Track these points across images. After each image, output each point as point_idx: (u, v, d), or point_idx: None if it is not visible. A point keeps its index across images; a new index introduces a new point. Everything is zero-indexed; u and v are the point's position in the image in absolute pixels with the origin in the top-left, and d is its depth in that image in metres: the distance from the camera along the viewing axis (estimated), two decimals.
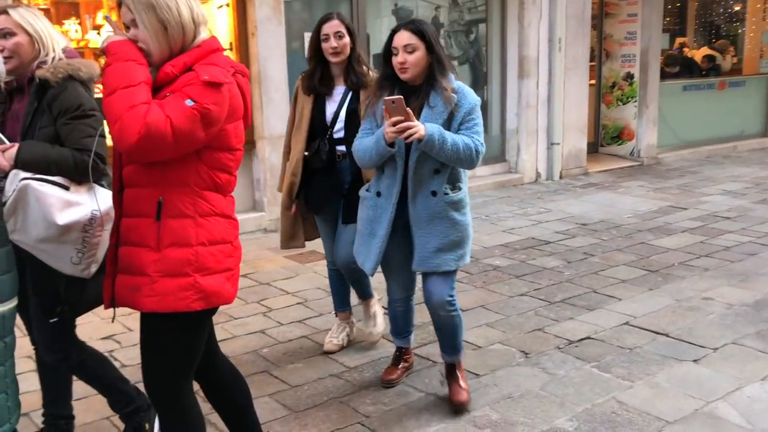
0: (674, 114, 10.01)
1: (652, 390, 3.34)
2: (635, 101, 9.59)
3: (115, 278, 2.18)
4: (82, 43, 5.64)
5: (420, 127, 2.79)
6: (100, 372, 2.81)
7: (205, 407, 2.49)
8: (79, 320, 2.72)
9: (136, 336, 3.93)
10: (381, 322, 3.91)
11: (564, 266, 5.24)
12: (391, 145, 2.89)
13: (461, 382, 3.25)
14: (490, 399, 3.28)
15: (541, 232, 6.23)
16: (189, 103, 1.99)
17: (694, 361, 3.64)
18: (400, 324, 3.46)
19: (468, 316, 4.26)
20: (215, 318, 2.40)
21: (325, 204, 3.59)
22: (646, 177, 8.71)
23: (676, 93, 10.16)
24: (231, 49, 6.34)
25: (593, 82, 9.55)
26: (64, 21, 5.58)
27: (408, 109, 2.78)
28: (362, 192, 3.20)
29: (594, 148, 9.76)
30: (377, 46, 7.54)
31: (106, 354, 3.99)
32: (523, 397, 3.30)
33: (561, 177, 8.59)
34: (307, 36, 6.88)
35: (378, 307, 3.93)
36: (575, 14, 8.46)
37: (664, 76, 9.87)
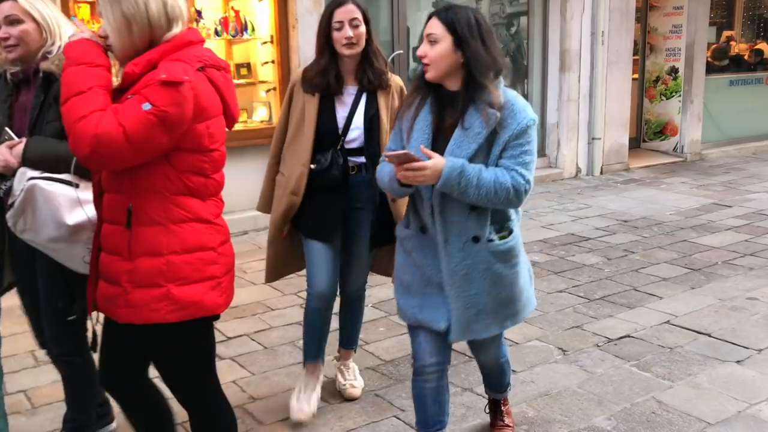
0: (720, 109, 9.80)
1: (693, 390, 3.28)
2: (679, 96, 9.40)
3: (97, 284, 2.10)
4: None
5: (430, 170, 2.19)
6: (84, 382, 2.69)
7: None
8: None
9: None
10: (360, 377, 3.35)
11: (604, 263, 5.17)
12: (407, 185, 2.31)
13: (505, 419, 2.92)
14: (527, 396, 3.26)
15: (581, 228, 6.15)
16: (146, 107, 1.86)
17: (738, 362, 3.56)
18: (431, 408, 2.47)
19: None
20: (254, 308, 2.41)
21: (333, 230, 2.94)
22: (690, 173, 8.54)
23: (722, 88, 9.94)
24: (272, 42, 6.38)
25: (636, 76, 9.39)
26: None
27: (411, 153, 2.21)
28: (400, 231, 2.52)
29: (636, 144, 9.61)
30: (418, 39, 7.53)
31: None
32: (560, 394, 3.27)
33: (602, 172, 8.47)
34: None
35: None
36: (619, 7, 8.32)
37: (709, 70, 9.65)
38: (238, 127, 5.07)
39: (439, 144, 2.29)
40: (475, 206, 2.29)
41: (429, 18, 2.31)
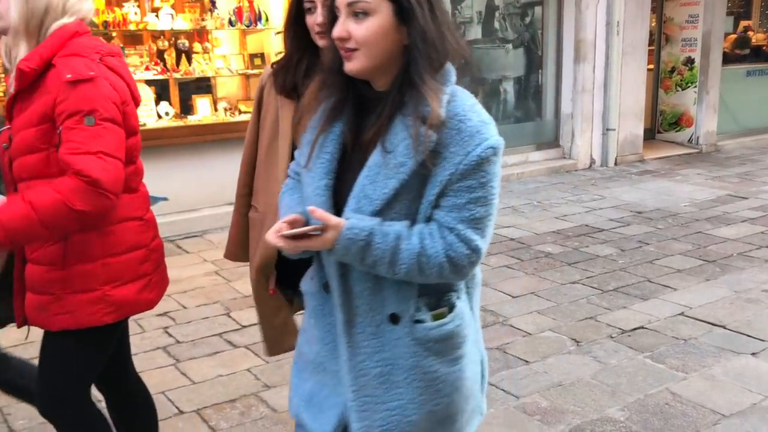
0: (736, 100, 9.70)
1: (708, 382, 3.27)
2: (695, 87, 9.32)
3: (24, 297, 2.01)
4: (141, 26, 5.74)
5: (320, 240, 1.45)
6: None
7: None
8: None
9: (190, 313, 4.04)
10: None
11: (618, 254, 5.15)
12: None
13: None
14: (540, 386, 3.25)
15: (595, 219, 6.13)
16: (90, 122, 1.79)
17: (753, 354, 3.54)
18: None
19: (518, 303, 4.23)
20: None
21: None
22: (705, 165, 8.48)
23: (738, 78, 9.84)
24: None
25: (651, 66, 9.31)
26: (123, 3, 5.69)
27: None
28: (304, 282, 1.70)
29: (651, 135, 9.54)
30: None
31: (161, 329, 4.09)
32: (573, 385, 3.26)
33: (616, 164, 8.42)
34: None
35: None
36: None
37: (726, 60, 9.56)
38: (245, 117, 5.07)
39: (352, 170, 1.50)
40: None
41: None
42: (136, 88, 2.09)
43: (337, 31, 1.44)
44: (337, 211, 1.49)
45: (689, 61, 9.34)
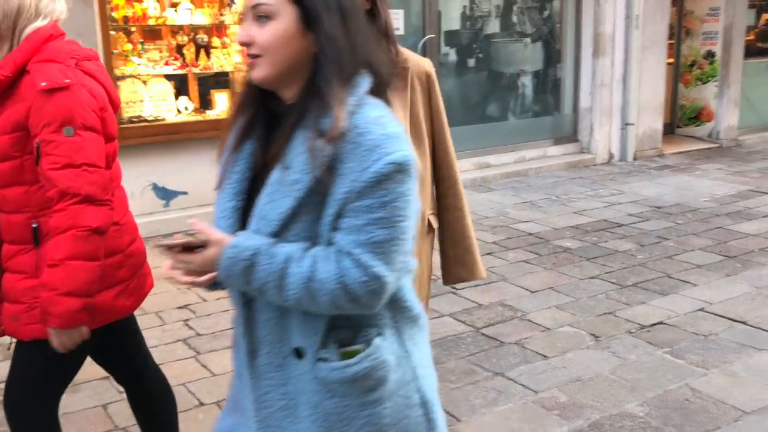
0: (758, 94, 9.59)
1: (729, 378, 3.25)
2: (716, 81, 9.22)
3: (1, 306, 1.98)
4: (160, 21, 5.78)
5: (200, 259, 1.37)
6: None
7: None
8: (155, 290, 2.81)
9: (210, 306, 4.07)
10: None
11: (637, 249, 5.12)
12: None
13: None
14: (559, 381, 3.25)
15: (614, 214, 6.09)
16: (68, 132, 1.76)
17: None
18: None
19: (537, 298, 4.23)
20: None
21: None
22: (725, 160, 8.39)
23: (760, 72, 9.72)
24: None
25: (671, 60, 9.23)
26: None
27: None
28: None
29: (670, 129, 9.46)
30: (449, 23, 7.49)
31: (181, 322, 4.13)
32: (592, 380, 3.26)
33: (635, 158, 8.36)
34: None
35: None
36: None
37: (747, 54, 9.45)
38: None
39: (260, 190, 1.41)
40: None
41: None
42: (116, 92, 2.05)
43: (240, 35, 1.37)
44: None
45: (710, 55, 9.24)
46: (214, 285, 1.41)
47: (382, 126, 1.31)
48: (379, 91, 1.39)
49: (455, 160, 2.38)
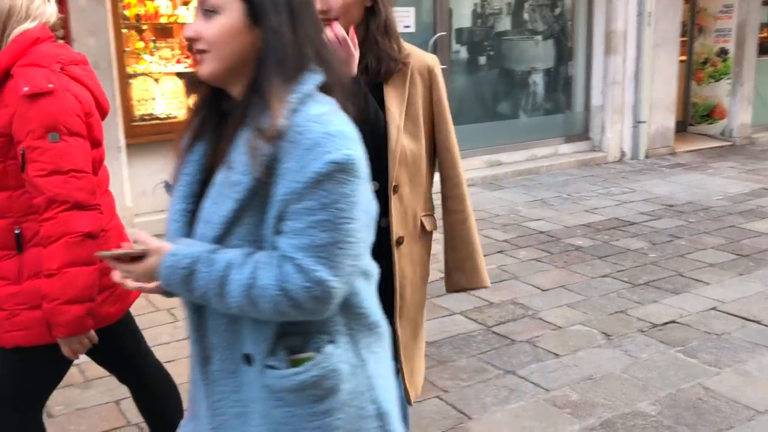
0: None
1: (742, 378, 3.23)
2: (728, 78, 9.16)
3: None
4: (172, 19, 5.79)
5: (142, 267, 1.34)
6: None
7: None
8: None
9: None
10: None
11: (649, 248, 5.10)
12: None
13: None
14: (570, 379, 3.24)
15: (625, 212, 6.07)
16: (54, 138, 1.74)
17: None
18: None
19: (548, 296, 4.22)
20: None
21: None
22: (738, 158, 8.34)
23: None
24: None
25: (684, 58, 9.17)
26: None
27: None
28: None
29: (682, 127, 9.40)
30: (460, 21, 7.47)
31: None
32: (603, 378, 3.25)
33: (647, 156, 8.32)
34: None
35: None
36: None
37: (761, 51, 9.37)
38: None
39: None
40: None
41: None
42: (104, 97, 2.02)
43: (186, 30, 1.34)
44: None
45: (723, 52, 9.18)
46: (168, 293, 1.38)
47: (324, 124, 1.26)
48: (331, 89, 1.35)
49: (459, 159, 2.21)
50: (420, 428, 2.86)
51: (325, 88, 1.34)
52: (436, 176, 2.25)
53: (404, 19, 6.64)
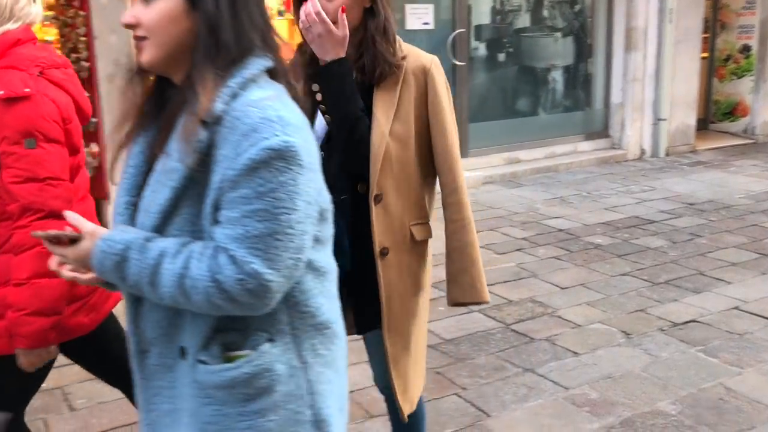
0: None
1: (764, 378, 3.20)
2: (751, 75, 9.05)
3: None
4: None
5: (72, 253, 1.32)
6: None
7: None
8: None
9: None
10: None
11: (669, 246, 5.06)
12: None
13: None
14: (589, 378, 3.23)
15: (645, 210, 6.02)
16: (30, 145, 1.69)
17: None
18: None
19: (567, 294, 4.20)
20: None
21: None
22: (761, 156, 8.24)
23: None
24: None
25: (706, 54, 9.08)
26: None
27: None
28: None
29: (703, 125, 9.30)
30: (479, 18, 7.44)
31: None
32: (623, 377, 3.23)
33: (667, 154, 8.25)
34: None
35: None
36: None
37: None
38: None
39: None
40: None
41: None
42: (86, 102, 1.96)
43: (125, 17, 1.29)
44: None
45: (745, 49, 9.07)
46: (110, 284, 1.34)
47: (263, 109, 1.20)
48: (277, 74, 1.31)
49: (457, 163, 2.04)
50: (438, 425, 2.87)
51: (273, 74, 1.30)
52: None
53: (423, 15, 6.63)
